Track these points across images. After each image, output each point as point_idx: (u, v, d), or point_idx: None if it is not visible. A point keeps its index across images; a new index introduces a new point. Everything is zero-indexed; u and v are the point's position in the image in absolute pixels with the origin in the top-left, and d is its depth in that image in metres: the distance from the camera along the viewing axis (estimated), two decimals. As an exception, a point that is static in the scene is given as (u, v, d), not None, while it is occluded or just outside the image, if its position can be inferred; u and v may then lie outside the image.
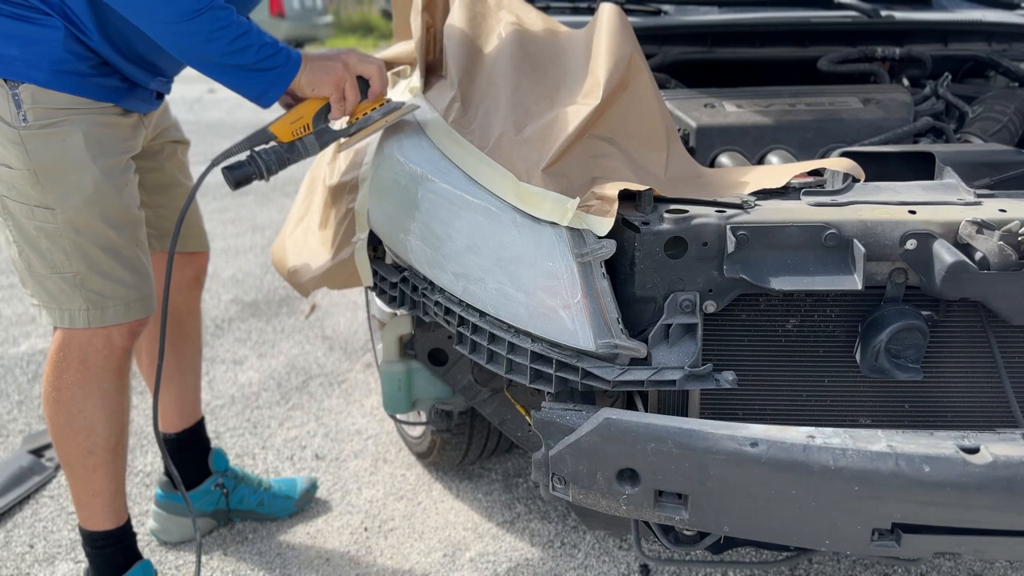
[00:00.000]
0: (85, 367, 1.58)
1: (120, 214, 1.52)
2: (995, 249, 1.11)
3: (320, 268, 1.82)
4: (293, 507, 2.06)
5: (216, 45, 1.31)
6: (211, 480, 1.99)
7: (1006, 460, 1.01)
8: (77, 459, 1.63)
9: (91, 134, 1.45)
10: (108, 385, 1.60)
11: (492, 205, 1.25)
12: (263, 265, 3.83)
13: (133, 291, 1.56)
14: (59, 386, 1.59)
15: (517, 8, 1.63)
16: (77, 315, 1.53)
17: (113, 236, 1.51)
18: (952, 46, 2.03)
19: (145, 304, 1.60)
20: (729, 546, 1.32)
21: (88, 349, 1.57)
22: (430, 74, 1.63)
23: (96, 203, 1.47)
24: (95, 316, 1.54)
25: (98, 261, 1.51)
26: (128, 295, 1.56)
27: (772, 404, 1.26)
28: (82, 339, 1.56)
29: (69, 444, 1.62)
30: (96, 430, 1.61)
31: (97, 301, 1.53)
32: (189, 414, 1.97)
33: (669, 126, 1.40)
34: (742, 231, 1.14)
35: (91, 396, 1.59)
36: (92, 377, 1.58)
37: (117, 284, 1.54)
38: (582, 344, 1.16)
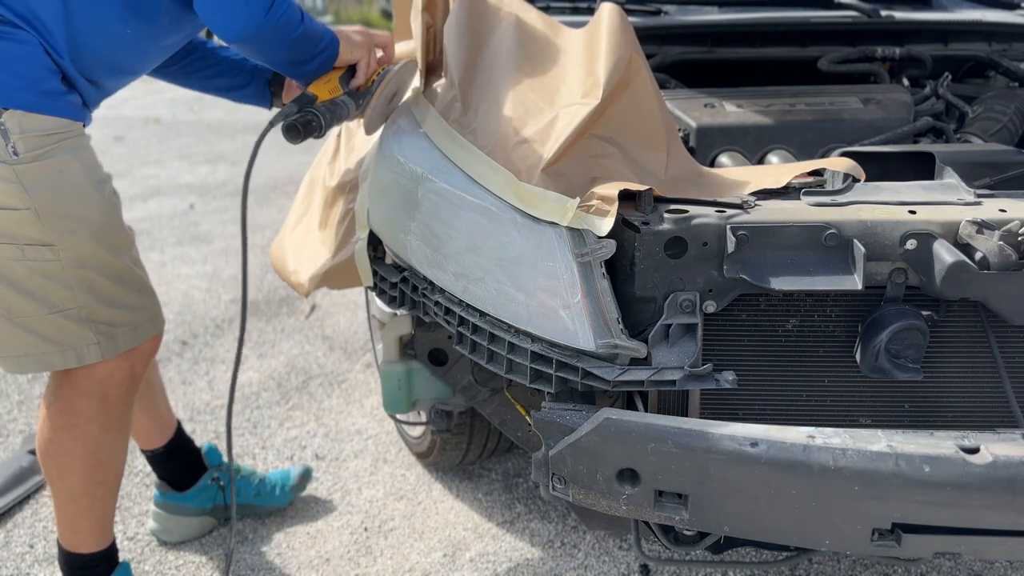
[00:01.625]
0: (106, 403, 1.51)
1: (124, 240, 1.50)
2: (995, 249, 1.11)
3: (320, 268, 1.82)
4: (290, 493, 2.06)
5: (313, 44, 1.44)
6: (208, 474, 1.98)
7: (1006, 460, 1.01)
8: (84, 491, 1.57)
9: (85, 160, 1.39)
10: (127, 415, 1.56)
11: (492, 205, 1.25)
12: (263, 265, 3.83)
13: (140, 313, 1.52)
14: (74, 425, 1.51)
15: (517, 8, 1.63)
16: (87, 350, 1.45)
17: (117, 262, 1.47)
18: (952, 46, 2.03)
19: (154, 322, 1.56)
20: (729, 546, 1.32)
21: (109, 384, 1.51)
22: (430, 74, 1.63)
23: (104, 234, 1.43)
24: (108, 347, 1.47)
25: (105, 291, 1.45)
26: (136, 318, 1.51)
27: (772, 404, 1.26)
28: (102, 375, 1.49)
29: (78, 477, 1.56)
30: (112, 459, 1.57)
31: (107, 331, 1.46)
32: (167, 424, 1.93)
33: (669, 126, 1.40)
34: (742, 231, 1.14)
35: (112, 430, 1.54)
36: (114, 412, 1.53)
37: (125, 310, 1.49)
38: (582, 344, 1.16)
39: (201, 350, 2.99)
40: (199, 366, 2.87)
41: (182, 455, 1.96)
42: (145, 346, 1.55)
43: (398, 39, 2.24)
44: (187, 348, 3.01)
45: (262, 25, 1.33)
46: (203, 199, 5.02)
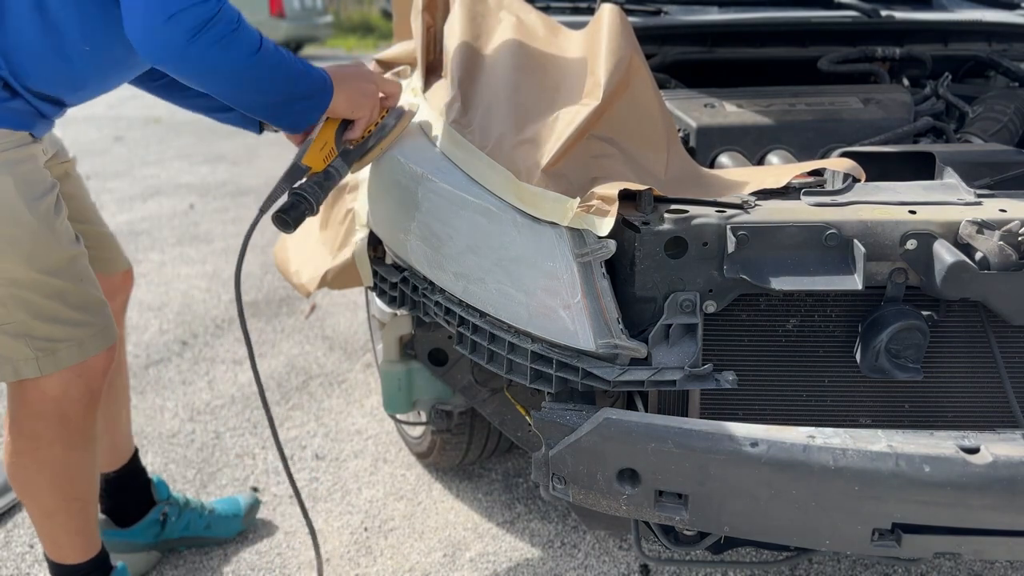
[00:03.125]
0: (65, 423, 1.46)
1: (61, 259, 1.37)
2: (995, 249, 1.11)
3: (320, 268, 1.83)
4: (241, 525, 1.98)
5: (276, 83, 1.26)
6: (157, 509, 1.88)
7: (1006, 460, 1.01)
8: (60, 507, 1.53)
9: (20, 176, 1.29)
10: (90, 431, 1.50)
11: (492, 205, 1.25)
12: (263, 265, 3.83)
13: (84, 328, 1.43)
14: (35, 448, 1.47)
15: (517, 8, 1.63)
16: (24, 365, 1.39)
17: (56, 282, 1.37)
18: (952, 46, 2.03)
19: (103, 336, 1.46)
20: (729, 546, 1.32)
21: (65, 403, 1.45)
22: (430, 74, 1.63)
23: (35, 256, 1.33)
24: (47, 362, 1.40)
25: (42, 309, 1.37)
26: (79, 333, 1.42)
27: (772, 404, 1.26)
28: (55, 394, 1.43)
29: (51, 497, 1.51)
30: (83, 476, 1.53)
31: (47, 347, 1.39)
32: (124, 449, 1.85)
33: (669, 127, 1.40)
34: (742, 231, 1.14)
35: (76, 448, 1.49)
36: (75, 430, 1.48)
37: (66, 326, 1.40)
38: (582, 344, 1.16)
39: (201, 350, 2.99)
40: (199, 366, 2.87)
41: (131, 486, 1.87)
42: (97, 361, 1.47)
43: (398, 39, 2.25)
44: (187, 348, 3.01)
45: (186, 51, 1.15)
46: (203, 199, 5.02)
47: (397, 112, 1.47)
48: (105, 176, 5.60)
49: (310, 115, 1.33)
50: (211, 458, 2.32)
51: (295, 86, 1.28)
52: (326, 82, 1.32)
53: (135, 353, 2.95)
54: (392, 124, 1.45)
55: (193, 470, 2.26)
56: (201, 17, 1.14)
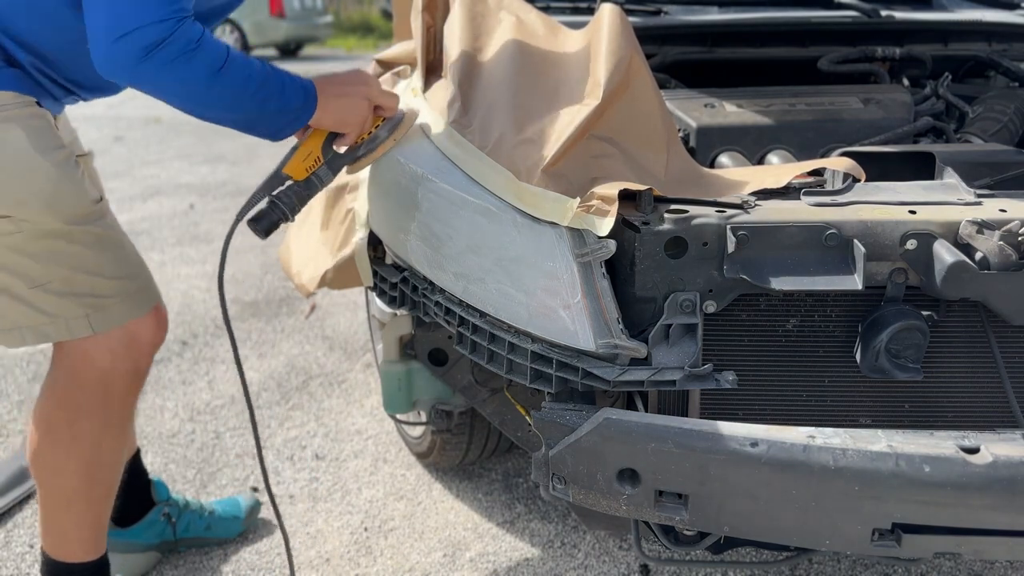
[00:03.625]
0: (108, 397, 1.44)
1: (88, 208, 1.37)
2: (995, 249, 1.11)
3: (321, 268, 1.83)
4: (241, 526, 1.97)
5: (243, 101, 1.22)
6: (157, 510, 1.87)
7: (1006, 460, 1.01)
8: (81, 493, 1.49)
9: (32, 128, 1.30)
10: (128, 414, 1.48)
11: (492, 205, 1.25)
12: (263, 265, 3.83)
13: (128, 281, 1.41)
14: (73, 420, 1.43)
15: (517, 8, 1.63)
16: (76, 324, 1.37)
17: (85, 229, 1.36)
18: (952, 46, 2.03)
19: (148, 293, 1.45)
20: (729, 546, 1.32)
21: (112, 376, 1.42)
22: (430, 74, 1.63)
23: (59, 202, 1.33)
24: (99, 320, 1.38)
25: (78, 260, 1.36)
26: (124, 286, 1.40)
27: (772, 404, 1.26)
28: (104, 365, 1.41)
29: (76, 479, 1.48)
30: (110, 460, 1.49)
31: (94, 303, 1.37)
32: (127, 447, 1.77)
33: (669, 127, 1.40)
34: (742, 231, 1.14)
35: (112, 427, 1.46)
36: (115, 408, 1.45)
37: (108, 279, 1.39)
38: (582, 344, 1.16)
39: (201, 350, 2.99)
40: (199, 366, 2.87)
41: (133, 486, 1.84)
42: (146, 332, 1.45)
43: (398, 39, 2.25)
44: (187, 348, 3.01)
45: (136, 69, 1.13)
46: (203, 199, 5.02)
47: (392, 123, 1.42)
48: (105, 176, 5.60)
49: (288, 129, 1.30)
50: (211, 458, 2.32)
51: (267, 103, 1.24)
52: (307, 96, 1.28)
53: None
54: (384, 136, 1.41)
55: (193, 470, 2.26)
56: (153, 38, 1.12)
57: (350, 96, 1.33)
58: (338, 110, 1.32)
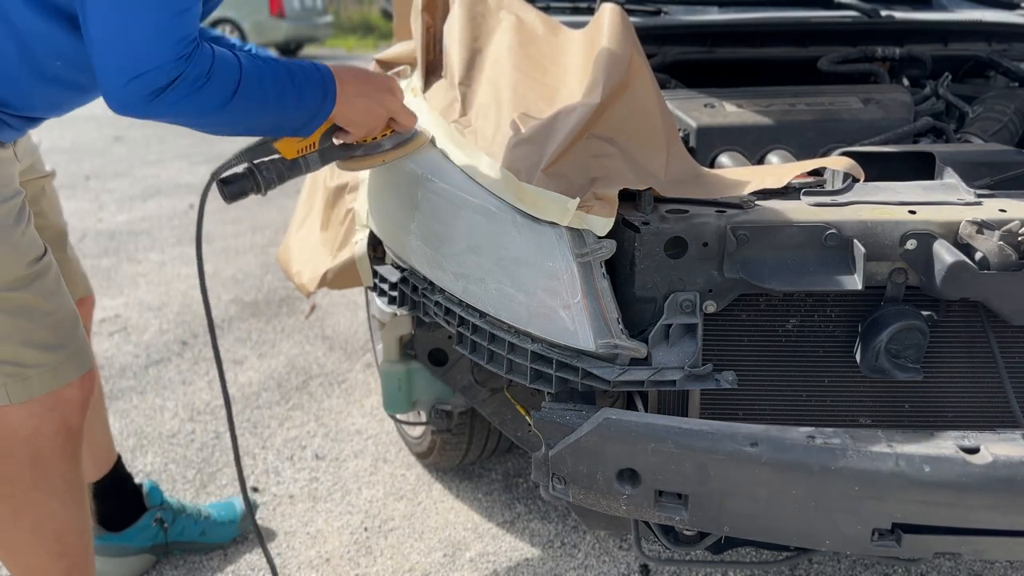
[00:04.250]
0: (38, 465, 1.34)
1: (23, 273, 1.28)
2: (995, 249, 1.11)
3: (321, 269, 1.83)
4: (237, 531, 1.95)
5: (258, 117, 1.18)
6: (149, 515, 1.84)
7: (1006, 460, 1.01)
8: (47, 567, 1.40)
9: None
10: (73, 472, 1.38)
11: (492, 205, 1.25)
12: (263, 265, 3.83)
13: (58, 352, 1.33)
14: (10, 495, 1.34)
15: (517, 8, 1.63)
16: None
17: (18, 297, 1.27)
18: (952, 46, 2.03)
19: (77, 361, 1.36)
20: (729, 546, 1.32)
21: (38, 442, 1.33)
22: (430, 74, 1.63)
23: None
24: (17, 390, 1.30)
25: (7, 328, 1.28)
26: (52, 358, 1.32)
27: (772, 404, 1.26)
28: (26, 432, 1.32)
29: (35, 555, 1.39)
30: (68, 528, 1.40)
31: (15, 372, 1.29)
32: (104, 460, 1.78)
33: (670, 126, 1.40)
34: (742, 231, 1.14)
35: (56, 494, 1.37)
36: (53, 474, 1.36)
37: (36, 349, 1.30)
38: (582, 344, 1.16)
39: (201, 350, 2.99)
40: (199, 366, 2.87)
41: (118, 493, 1.81)
42: (73, 392, 1.37)
43: (398, 39, 2.25)
44: (187, 348, 3.01)
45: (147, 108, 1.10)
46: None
47: (400, 137, 1.37)
48: (105, 176, 5.61)
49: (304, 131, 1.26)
50: (211, 458, 2.32)
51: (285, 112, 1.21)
52: (326, 96, 1.23)
53: (135, 353, 2.95)
54: (387, 147, 1.37)
55: (193, 470, 2.26)
56: (161, 81, 1.08)
57: (370, 100, 1.28)
58: (353, 109, 1.27)
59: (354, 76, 1.27)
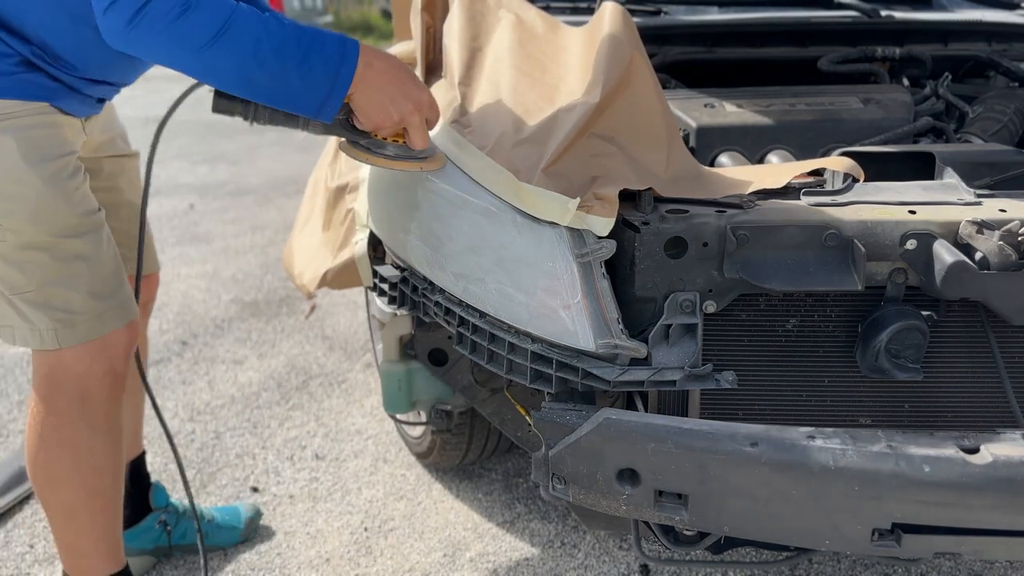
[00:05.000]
0: (86, 401, 1.43)
1: (75, 222, 1.36)
2: (995, 249, 1.11)
3: (321, 269, 1.83)
4: (239, 536, 1.95)
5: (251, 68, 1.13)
6: (153, 516, 1.86)
7: (1006, 460, 1.01)
8: (82, 503, 1.48)
9: (25, 139, 1.30)
10: (115, 413, 1.46)
11: (492, 205, 1.25)
12: (263, 265, 3.83)
13: (103, 300, 1.41)
14: (58, 426, 1.43)
15: (517, 7, 1.63)
16: (47, 335, 1.38)
17: (71, 245, 1.36)
18: (952, 46, 2.03)
19: (122, 311, 1.44)
20: (729, 546, 1.32)
21: (88, 380, 1.42)
22: (430, 74, 1.63)
23: (44, 216, 1.32)
24: (67, 335, 1.39)
25: (57, 274, 1.36)
26: (98, 306, 1.40)
27: (772, 404, 1.26)
28: (79, 370, 1.41)
29: (72, 489, 1.47)
30: (105, 466, 1.47)
31: (65, 319, 1.38)
32: (130, 448, 1.81)
33: (670, 125, 1.40)
34: (742, 231, 1.14)
35: (99, 432, 1.45)
36: (98, 411, 1.44)
37: (83, 296, 1.38)
38: (582, 344, 1.16)
39: (201, 350, 2.99)
40: (199, 366, 2.87)
41: (132, 488, 1.81)
42: (119, 337, 1.44)
43: (398, 39, 2.25)
44: (187, 348, 3.01)
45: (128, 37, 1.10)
46: (203, 199, 5.02)
47: (405, 151, 1.29)
48: (105, 176, 5.60)
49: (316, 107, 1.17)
50: (211, 458, 2.32)
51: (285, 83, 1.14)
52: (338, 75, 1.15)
53: (135, 353, 2.96)
54: (390, 154, 1.29)
55: (193, 470, 2.26)
56: (134, 5, 1.08)
57: (390, 99, 1.21)
58: (368, 100, 1.20)
59: (387, 68, 1.21)
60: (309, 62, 1.14)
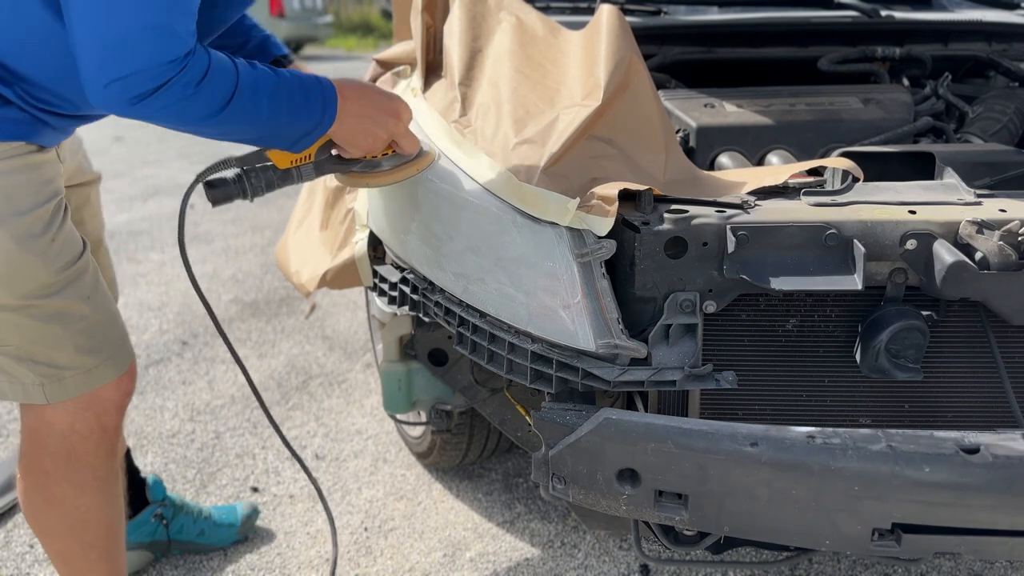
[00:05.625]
0: (73, 461, 1.35)
1: (50, 280, 1.23)
2: (995, 249, 1.11)
3: (320, 268, 1.83)
4: (236, 535, 1.95)
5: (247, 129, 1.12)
6: (150, 510, 1.84)
7: (1006, 460, 1.01)
8: (77, 553, 1.43)
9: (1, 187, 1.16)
10: (104, 471, 1.39)
11: (492, 205, 1.25)
12: (263, 265, 3.83)
13: (93, 356, 1.31)
14: (44, 486, 1.36)
15: (517, 9, 1.63)
16: (32, 390, 1.29)
17: (49, 304, 1.24)
18: (952, 46, 2.03)
19: (114, 363, 1.34)
20: (729, 546, 1.32)
21: (73, 439, 1.34)
22: (430, 74, 1.63)
23: (14, 281, 1.20)
24: (54, 390, 1.29)
25: (37, 332, 1.25)
26: (88, 361, 1.30)
27: (772, 404, 1.26)
28: (62, 428, 1.32)
29: (65, 542, 1.42)
30: (97, 520, 1.42)
31: (51, 374, 1.28)
32: None
33: (667, 128, 1.40)
34: (742, 231, 1.14)
35: (88, 489, 1.38)
36: (85, 471, 1.37)
37: (70, 352, 1.28)
38: (582, 344, 1.16)
39: (201, 350, 2.99)
40: (199, 366, 2.87)
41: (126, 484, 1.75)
42: (109, 392, 1.35)
43: (398, 39, 2.25)
44: (187, 348, 3.01)
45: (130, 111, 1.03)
46: (203, 199, 5.02)
47: (399, 159, 1.31)
48: (105, 176, 5.58)
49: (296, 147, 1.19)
50: (211, 458, 2.32)
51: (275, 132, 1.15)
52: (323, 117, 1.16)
53: (135, 353, 2.96)
54: (386, 167, 1.31)
55: (193, 470, 2.26)
56: (146, 86, 1.00)
57: (371, 121, 1.22)
58: (351, 130, 1.20)
59: (358, 94, 1.21)
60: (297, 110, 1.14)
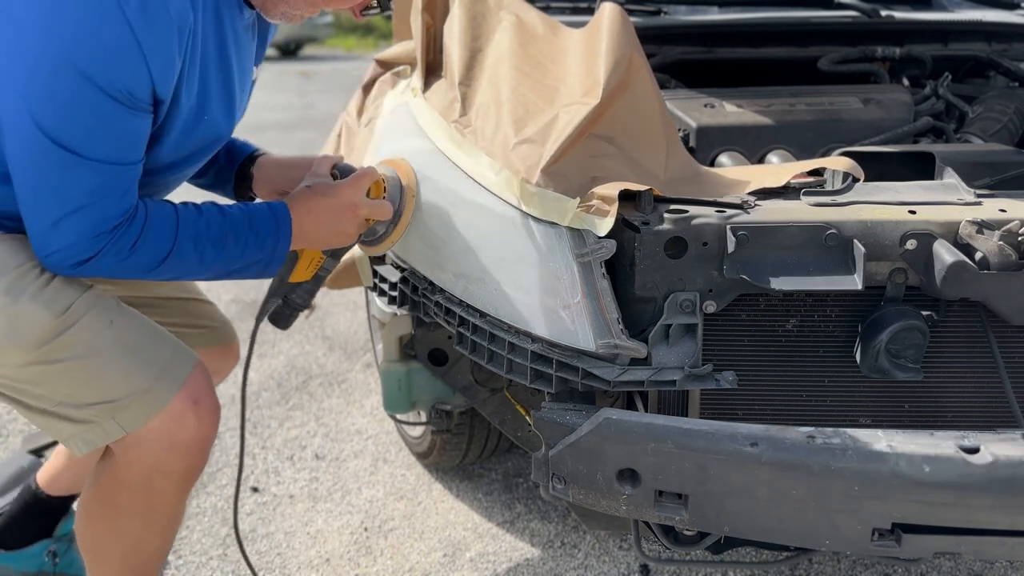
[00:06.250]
0: (150, 496, 1.31)
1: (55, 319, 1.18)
2: (995, 249, 1.11)
3: (320, 268, 1.82)
4: None
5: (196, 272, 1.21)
6: (44, 545, 1.71)
7: (1006, 460, 1.01)
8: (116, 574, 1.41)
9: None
10: (176, 511, 1.37)
11: (492, 205, 1.25)
12: (263, 265, 3.83)
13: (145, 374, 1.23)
14: (111, 516, 1.33)
15: (517, 8, 1.63)
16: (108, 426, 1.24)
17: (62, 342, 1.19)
18: (952, 46, 2.03)
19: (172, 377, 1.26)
20: (729, 546, 1.32)
21: (154, 476, 1.28)
22: (430, 74, 1.63)
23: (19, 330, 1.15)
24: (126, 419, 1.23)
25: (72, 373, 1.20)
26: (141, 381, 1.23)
27: (772, 404, 1.26)
28: (146, 466, 1.27)
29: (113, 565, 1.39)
30: (149, 552, 1.40)
31: (113, 407, 1.22)
32: (80, 483, 1.67)
33: (669, 126, 1.40)
34: (742, 231, 1.14)
35: (155, 526, 1.36)
36: (158, 508, 1.33)
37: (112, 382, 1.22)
38: (582, 344, 1.16)
39: (201, 350, 2.99)
40: (199, 366, 2.87)
41: (53, 515, 1.71)
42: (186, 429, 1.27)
43: (398, 39, 2.25)
44: (187, 348, 3.01)
45: (73, 272, 1.14)
46: (203, 199, 5.02)
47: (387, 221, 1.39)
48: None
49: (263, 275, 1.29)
50: (211, 458, 2.32)
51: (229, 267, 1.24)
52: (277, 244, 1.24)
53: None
54: (382, 231, 1.41)
55: (193, 470, 2.26)
56: (83, 256, 1.10)
57: (333, 223, 1.30)
58: (321, 237, 1.32)
59: (308, 208, 1.28)
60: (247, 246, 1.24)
